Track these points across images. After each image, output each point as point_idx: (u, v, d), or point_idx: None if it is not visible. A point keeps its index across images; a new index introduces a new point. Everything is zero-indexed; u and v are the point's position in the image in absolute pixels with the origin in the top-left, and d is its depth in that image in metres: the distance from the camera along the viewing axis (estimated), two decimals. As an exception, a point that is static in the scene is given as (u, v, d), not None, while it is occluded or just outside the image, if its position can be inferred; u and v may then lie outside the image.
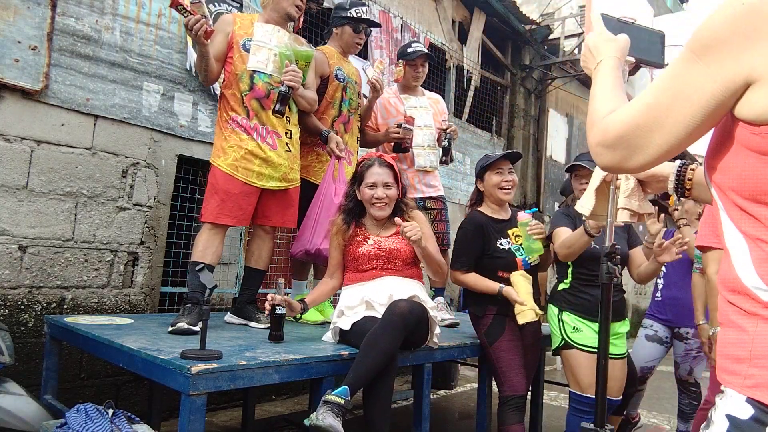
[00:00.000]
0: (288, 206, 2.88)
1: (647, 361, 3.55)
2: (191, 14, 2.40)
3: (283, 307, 2.36)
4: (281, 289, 2.50)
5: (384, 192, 2.54)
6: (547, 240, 2.79)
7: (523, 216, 2.64)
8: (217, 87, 3.55)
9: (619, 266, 1.92)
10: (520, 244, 2.73)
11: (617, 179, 1.74)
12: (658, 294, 3.59)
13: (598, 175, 1.87)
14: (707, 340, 2.87)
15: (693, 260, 3.16)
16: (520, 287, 2.56)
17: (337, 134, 3.15)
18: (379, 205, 2.56)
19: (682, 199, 1.44)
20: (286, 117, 2.78)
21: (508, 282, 2.65)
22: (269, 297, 2.34)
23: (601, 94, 0.99)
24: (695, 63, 0.79)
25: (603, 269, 1.89)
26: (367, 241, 2.58)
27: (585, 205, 1.90)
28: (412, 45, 3.53)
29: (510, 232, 2.77)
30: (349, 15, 3.19)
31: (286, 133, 2.81)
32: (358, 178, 2.62)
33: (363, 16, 3.22)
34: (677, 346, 3.48)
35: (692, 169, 1.34)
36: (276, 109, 2.64)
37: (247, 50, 2.70)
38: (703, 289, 2.96)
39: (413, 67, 3.46)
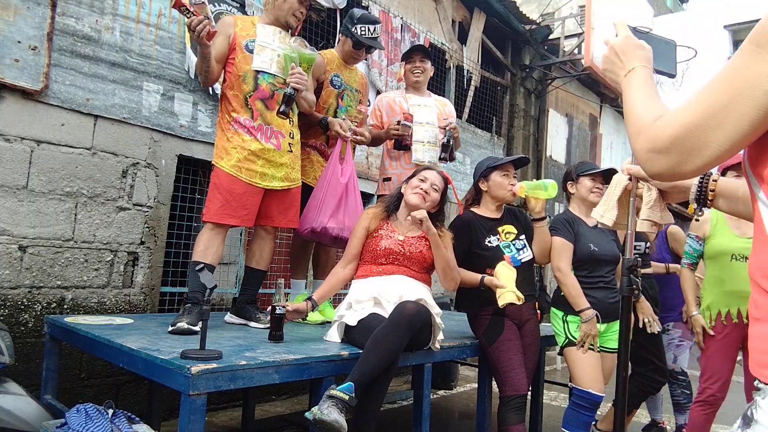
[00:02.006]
0: (290, 206, 2.89)
1: None
2: (194, 15, 2.39)
3: (284, 307, 2.36)
4: (281, 288, 2.50)
5: (429, 188, 2.62)
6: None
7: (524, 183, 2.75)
8: (217, 87, 3.55)
9: (639, 278, 1.88)
10: (510, 241, 2.77)
11: (638, 189, 1.74)
12: None
13: (619, 185, 1.82)
14: (700, 329, 2.96)
15: (680, 257, 3.29)
16: (501, 275, 2.58)
17: (330, 139, 3.18)
18: (418, 192, 2.61)
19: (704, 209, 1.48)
20: (290, 119, 2.79)
21: None
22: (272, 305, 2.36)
23: (643, 102, 0.97)
24: (758, 55, 0.78)
25: (624, 282, 1.82)
26: (392, 236, 2.61)
27: (606, 215, 1.87)
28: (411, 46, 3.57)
29: (500, 229, 2.80)
30: (353, 31, 3.17)
31: (289, 134, 2.82)
32: (412, 177, 2.71)
33: (366, 36, 3.18)
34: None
35: (714, 180, 1.36)
36: (281, 110, 2.65)
37: (250, 51, 2.71)
38: (693, 282, 3.09)
39: (411, 63, 3.47)
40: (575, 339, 2.76)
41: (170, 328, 2.40)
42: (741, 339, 2.92)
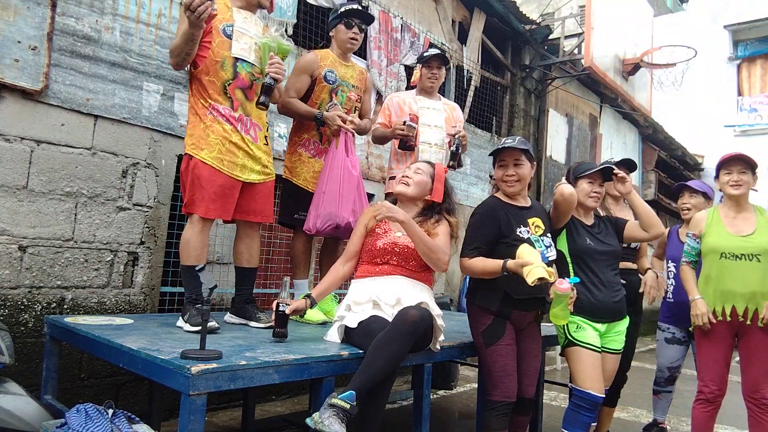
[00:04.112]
0: (267, 200, 2.85)
1: (672, 362, 3.64)
2: None
3: (287, 304, 2.34)
4: (286, 286, 2.48)
5: (412, 173, 2.67)
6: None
7: (564, 288, 2.44)
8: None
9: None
10: (539, 236, 2.62)
11: None
12: (669, 296, 3.64)
13: None
14: (705, 309, 2.93)
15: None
16: (525, 254, 2.40)
17: (323, 136, 3.17)
18: (403, 180, 2.68)
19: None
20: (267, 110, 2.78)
21: None
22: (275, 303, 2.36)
23: None
24: None
25: None
26: (387, 236, 2.59)
27: None
28: (429, 50, 3.57)
29: (530, 221, 2.64)
30: (339, 12, 3.19)
31: (266, 127, 2.81)
32: None
33: (352, 8, 3.17)
34: None
35: None
36: (260, 100, 2.63)
37: (228, 36, 2.63)
38: (692, 275, 3.10)
39: (429, 68, 3.48)
40: (575, 339, 2.75)
41: (189, 329, 2.42)
42: (733, 336, 2.94)
